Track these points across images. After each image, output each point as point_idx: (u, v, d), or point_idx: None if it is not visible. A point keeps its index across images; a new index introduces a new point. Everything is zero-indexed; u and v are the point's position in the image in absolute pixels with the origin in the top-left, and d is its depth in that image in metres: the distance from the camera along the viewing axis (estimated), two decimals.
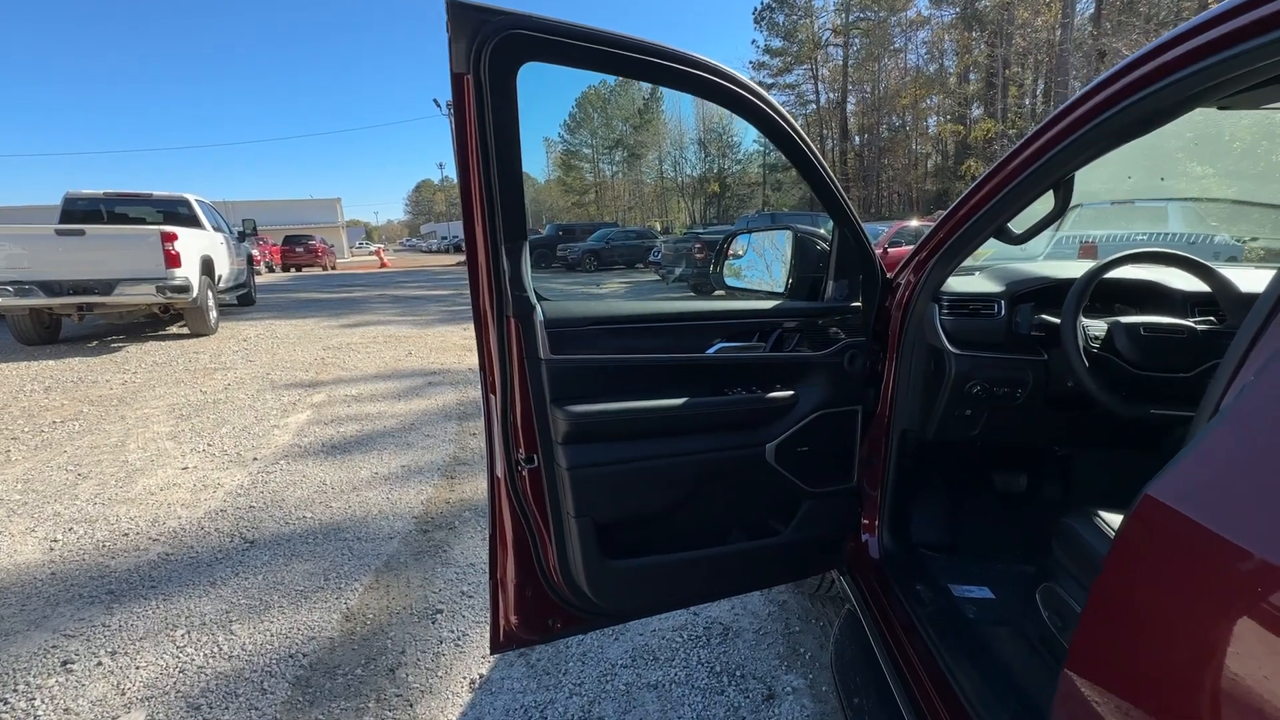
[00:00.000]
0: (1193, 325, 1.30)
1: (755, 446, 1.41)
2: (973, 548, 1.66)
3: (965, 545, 1.67)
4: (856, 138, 41.27)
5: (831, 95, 41.58)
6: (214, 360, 6.39)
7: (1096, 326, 1.37)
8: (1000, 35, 29.41)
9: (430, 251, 54.95)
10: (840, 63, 40.00)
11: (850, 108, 40.72)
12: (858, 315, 1.51)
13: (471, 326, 1.24)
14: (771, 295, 1.62)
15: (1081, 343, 1.30)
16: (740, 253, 1.70)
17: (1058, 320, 1.42)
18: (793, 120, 1.31)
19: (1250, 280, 1.42)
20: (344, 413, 4.55)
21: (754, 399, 1.38)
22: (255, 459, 3.62)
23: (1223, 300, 1.31)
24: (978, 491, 1.69)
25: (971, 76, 33.74)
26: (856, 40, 38.63)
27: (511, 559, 1.33)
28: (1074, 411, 1.48)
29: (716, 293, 1.72)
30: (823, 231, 1.55)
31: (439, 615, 2.13)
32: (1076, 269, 1.55)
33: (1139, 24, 22.93)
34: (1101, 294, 1.48)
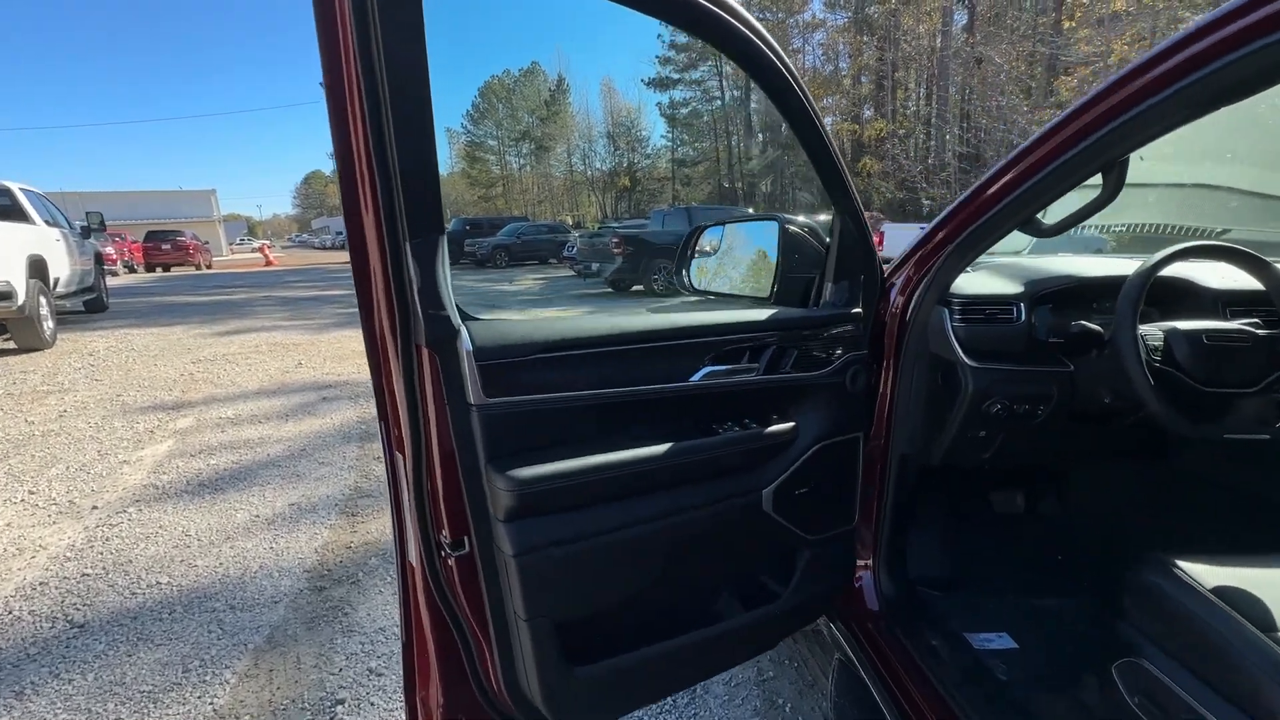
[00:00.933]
0: (1253, 330, 1.14)
1: (751, 494, 1.12)
2: (982, 585, 1.46)
3: (973, 582, 1.47)
4: (760, 134, 42.57)
5: (736, 93, 42.59)
6: (47, 381, 5.33)
7: (1152, 335, 1.18)
8: (889, 40, 31.24)
9: (324, 248, 51.01)
10: None
11: (754, 105, 41.91)
12: (859, 324, 1.25)
13: None
14: (754, 301, 1.33)
15: (1144, 355, 1.11)
16: (711, 249, 1.40)
17: (1095, 327, 1.23)
18: (796, 71, 1.02)
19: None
20: (217, 440, 3.85)
21: (749, 435, 1.09)
22: (95, 507, 2.92)
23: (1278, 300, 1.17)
24: (983, 520, 1.49)
25: (864, 79, 35.66)
26: None
27: (435, 674, 0.96)
28: (1097, 428, 1.30)
29: (686, 298, 1.41)
30: (801, 220, 1.28)
31: (339, 708, 1.69)
32: (1098, 266, 1.38)
33: (1005, 35, 25.02)
34: (1094, 293, 1.31)
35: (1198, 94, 0.80)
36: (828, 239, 1.25)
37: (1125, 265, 1.36)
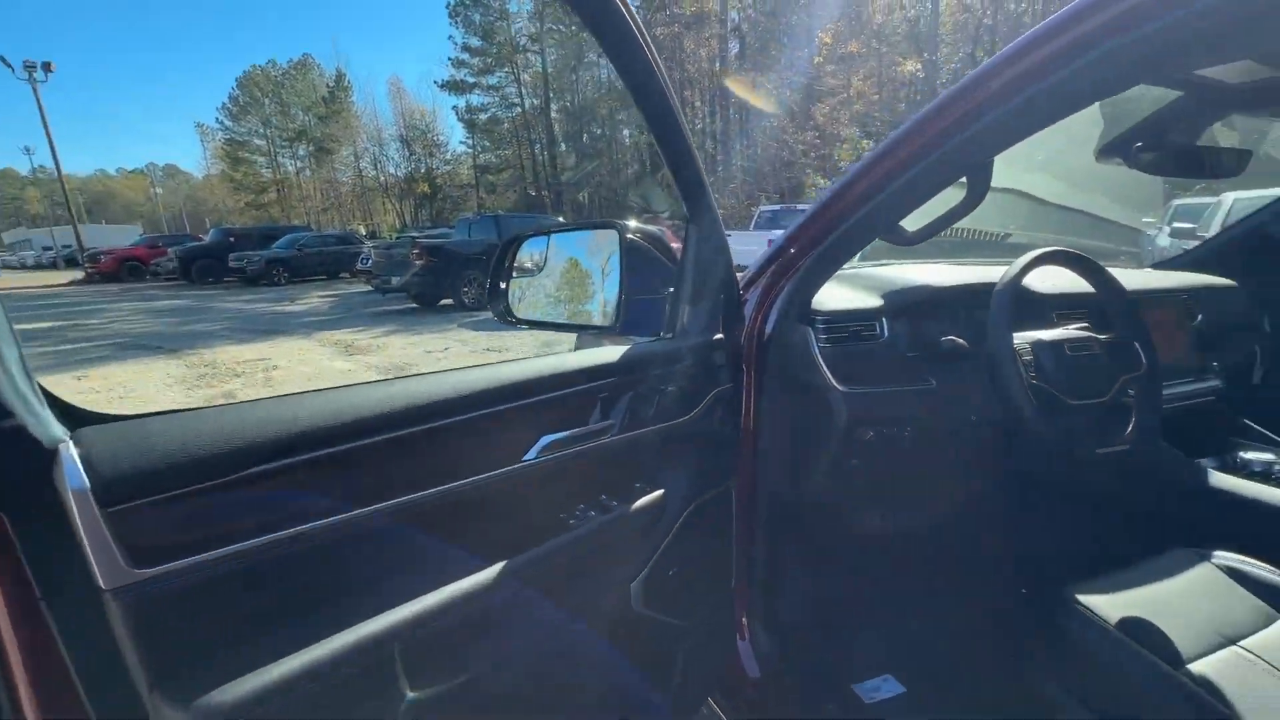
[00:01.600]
0: (1097, 337, 1.14)
1: (619, 589, 0.84)
2: (863, 623, 1.35)
3: (854, 622, 1.36)
4: (562, 144, 42.94)
5: (535, 101, 42.41)
6: None
7: (1019, 348, 1.12)
8: (675, 61, 33.55)
9: (24, 268, 39.69)
10: (541, 69, 41.00)
11: (554, 114, 42.13)
12: (722, 353, 1.04)
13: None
14: (592, 329, 1.05)
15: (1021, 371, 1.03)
16: (534, 265, 1.09)
17: (963, 341, 1.15)
18: (659, 59, 0.78)
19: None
20: None
21: (612, 519, 0.80)
22: None
23: (1112, 306, 1.19)
24: (856, 554, 1.39)
25: None
26: (554, 50, 40.07)
27: None
28: (962, 448, 1.25)
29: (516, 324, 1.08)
30: (644, 227, 1.03)
31: None
32: (946, 274, 1.33)
33: (772, 64, 28.30)
34: (950, 304, 1.27)
35: (1042, 102, 0.77)
36: (679, 250, 1.01)
37: (970, 273, 1.35)
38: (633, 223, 1.01)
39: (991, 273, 1.26)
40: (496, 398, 0.72)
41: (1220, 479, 1.19)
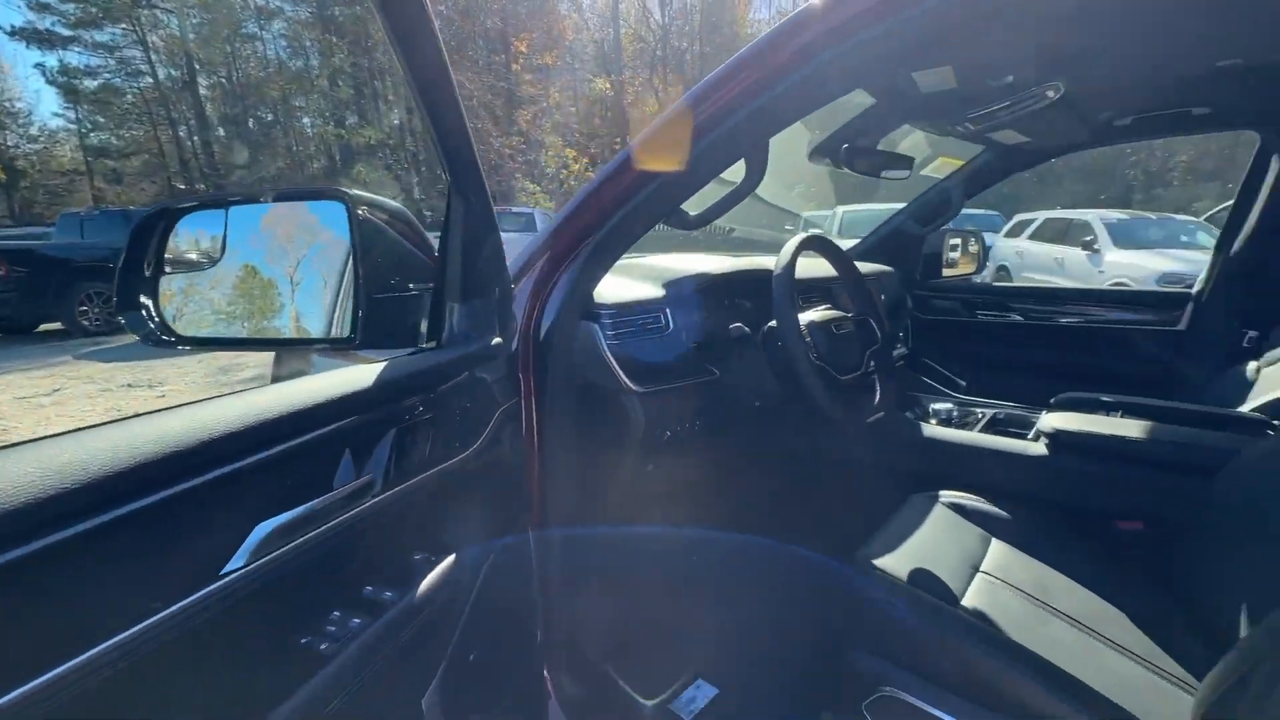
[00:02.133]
0: (847, 316, 1.23)
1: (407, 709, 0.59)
2: (668, 628, 1.27)
3: (659, 640, 1.27)
4: (220, 129, 35.48)
5: (174, 72, 34.06)
6: None
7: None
8: (361, 47, 30.52)
9: None
10: (179, 34, 33.04)
11: (204, 92, 34.48)
12: (502, 358, 0.84)
13: None
14: (315, 345, 0.74)
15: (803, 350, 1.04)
16: (203, 256, 0.71)
17: (746, 328, 1.13)
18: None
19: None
20: None
21: (389, 621, 0.55)
22: None
23: (854, 286, 1.30)
24: (653, 563, 1.30)
25: (341, 82, 33.89)
26: (197, 12, 32.70)
27: None
28: (742, 436, 1.25)
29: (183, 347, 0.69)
30: (395, 206, 0.77)
31: None
32: (709, 263, 1.31)
33: (468, 65, 27.81)
34: (721, 291, 1.28)
35: (833, 71, 0.77)
36: (438, 234, 0.77)
37: (730, 262, 1.38)
38: (365, 193, 0.73)
39: (747, 261, 1.31)
40: (160, 473, 0.41)
41: (929, 429, 1.44)
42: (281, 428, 0.51)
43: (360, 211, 0.71)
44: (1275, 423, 1.21)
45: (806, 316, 1.20)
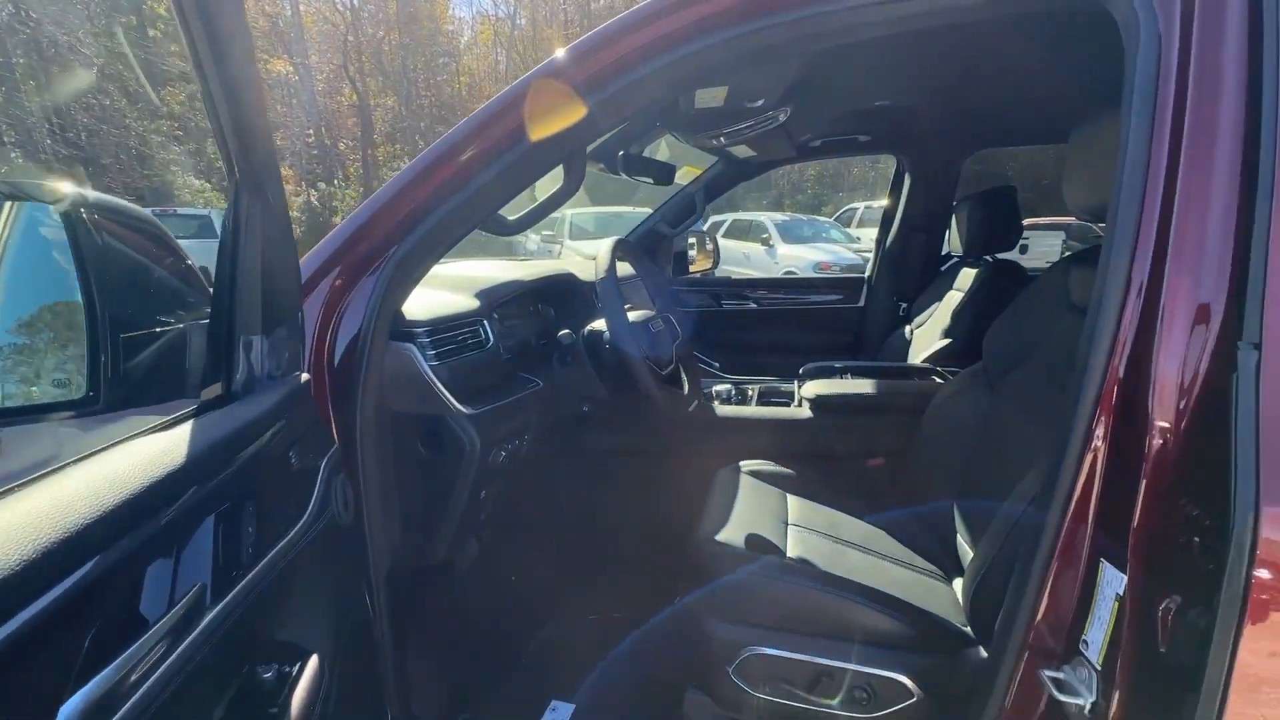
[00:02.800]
0: (657, 315, 1.26)
1: None
2: (513, 666, 1.17)
3: (506, 672, 1.16)
4: None
5: None
6: None
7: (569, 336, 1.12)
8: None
9: None
10: None
11: None
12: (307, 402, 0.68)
13: None
14: (43, 413, 0.49)
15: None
16: None
17: (571, 333, 1.08)
18: None
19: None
20: None
21: None
22: None
23: (656, 287, 1.33)
24: (493, 593, 1.19)
25: None
26: None
27: None
28: (563, 444, 1.21)
29: None
30: (135, 210, 0.56)
31: None
32: (518, 270, 1.23)
33: (75, 25, 21.39)
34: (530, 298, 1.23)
35: (657, 80, 0.80)
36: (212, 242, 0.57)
37: (532, 268, 1.32)
38: (90, 192, 0.51)
39: (549, 266, 1.28)
40: None
41: (721, 409, 1.60)
42: (32, 576, 0.32)
43: (84, 215, 0.49)
44: (939, 369, 1.67)
45: (630, 317, 1.23)
